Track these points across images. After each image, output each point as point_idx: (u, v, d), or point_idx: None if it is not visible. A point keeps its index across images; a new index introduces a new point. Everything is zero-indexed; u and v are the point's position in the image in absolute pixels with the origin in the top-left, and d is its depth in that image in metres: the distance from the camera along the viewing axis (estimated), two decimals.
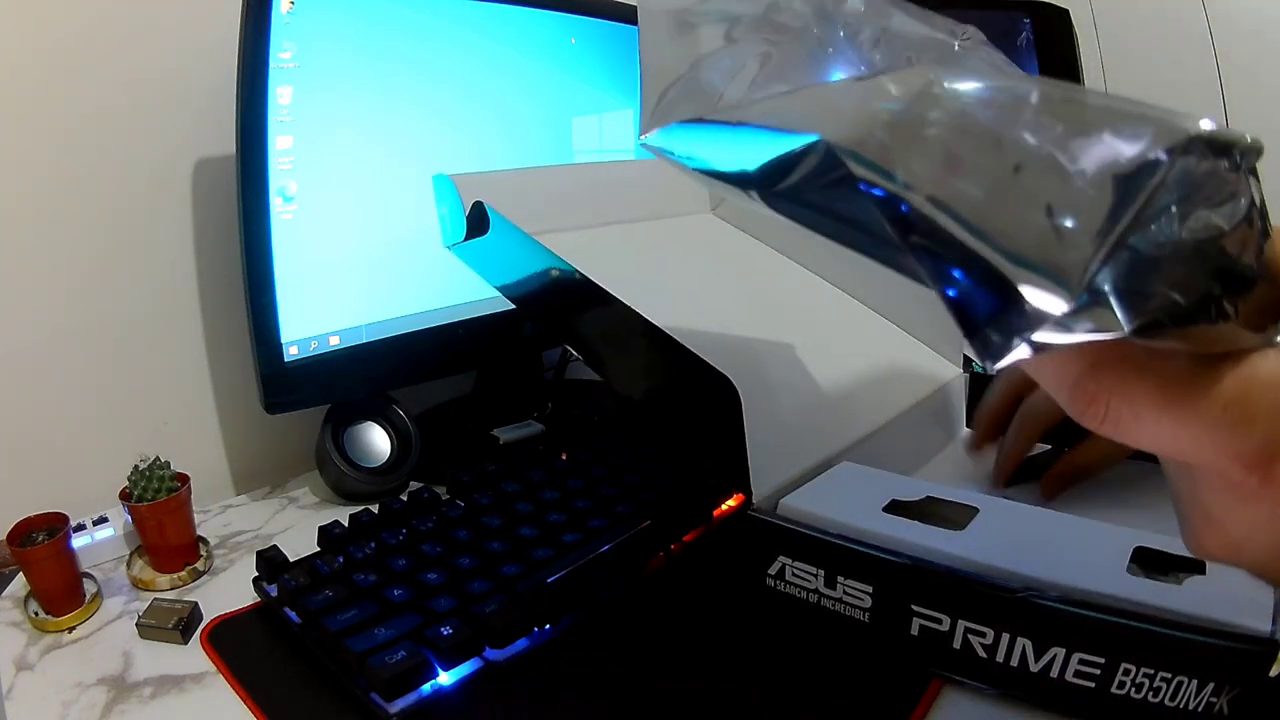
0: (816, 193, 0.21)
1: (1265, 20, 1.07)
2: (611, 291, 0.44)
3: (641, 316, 0.43)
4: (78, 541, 0.52)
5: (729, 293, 0.61)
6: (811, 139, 0.20)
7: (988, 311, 0.17)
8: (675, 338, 0.42)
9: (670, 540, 0.51)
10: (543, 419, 0.75)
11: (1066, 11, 1.06)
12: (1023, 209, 0.17)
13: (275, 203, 0.56)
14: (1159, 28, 1.14)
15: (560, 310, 0.50)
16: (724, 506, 0.55)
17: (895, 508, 0.42)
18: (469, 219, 0.49)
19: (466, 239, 0.50)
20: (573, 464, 0.60)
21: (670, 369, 0.45)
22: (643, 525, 0.51)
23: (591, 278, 0.44)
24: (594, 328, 0.49)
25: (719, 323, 0.55)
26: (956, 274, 0.18)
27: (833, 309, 0.64)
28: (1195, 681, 0.32)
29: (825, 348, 0.58)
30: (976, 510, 0.42)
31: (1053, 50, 1.05)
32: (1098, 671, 0.34)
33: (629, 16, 0.80)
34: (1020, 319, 0.17)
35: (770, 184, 0.22)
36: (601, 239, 0.58)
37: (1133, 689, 0.33)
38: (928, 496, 0.44)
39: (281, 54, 0.55)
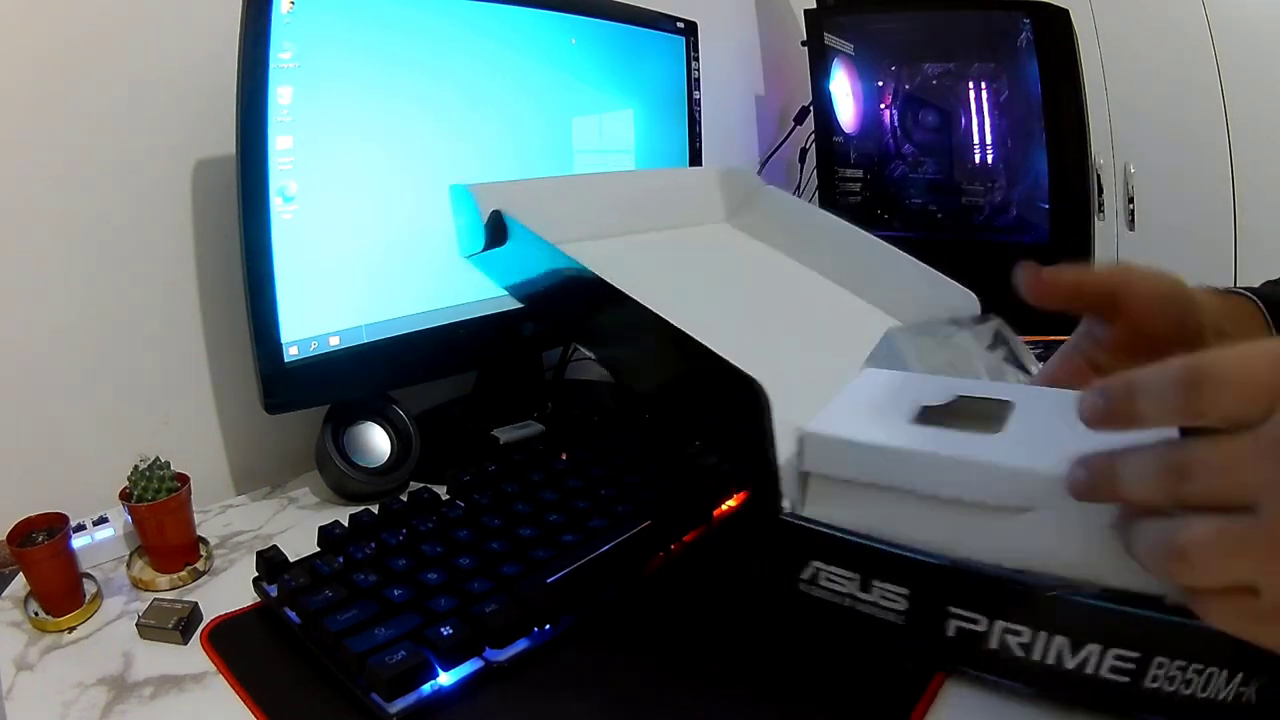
0: None
1: (1265, 20, 1.07)
2: (636, 297, 0.43)
3: (667, 321, 0.42)
4: (78, 541, 0.52)
5: (747, 300, 0.60)
6: None
7: None
8: (701, 341, 0.42)
9: (670, 540, 0.51)
10: (543, 419, 0.75)
11: (1066, 11, 1.06)
12: None
13: (275, 203, 0.56)
14: (1159, 28, 1.14)
15: (578, 317, 0.49)
16: (724, 506, 0.55)
17: (926, 417, 0.40)
18: (487, 228, 0.49)
19: (485, 249, 0.49)
20: (572, 464, 0.60)
21: (694, 373, 0.44)
22: (643, 525, 0.51)
23: (615, 284, 0.44)
24: (617, 333, 0.48)
25: (740, 329, 0.54)
26: None
27: (849, 316, 0.64)
28: (1226, 672, 0.33)
29: (848, 354, 0.58)
30: (1011, 405, 0.39)
31: (1053, 50, 1.05)
32: (1132, 666, 0.34)
33: (629, 16, 0.80)
34: None
35: None
36: (618, 248, 0.58)
37: (1165, 682, 0.34)
38: (958, 396, 0.41)
39: (281, 54, 0.55)
